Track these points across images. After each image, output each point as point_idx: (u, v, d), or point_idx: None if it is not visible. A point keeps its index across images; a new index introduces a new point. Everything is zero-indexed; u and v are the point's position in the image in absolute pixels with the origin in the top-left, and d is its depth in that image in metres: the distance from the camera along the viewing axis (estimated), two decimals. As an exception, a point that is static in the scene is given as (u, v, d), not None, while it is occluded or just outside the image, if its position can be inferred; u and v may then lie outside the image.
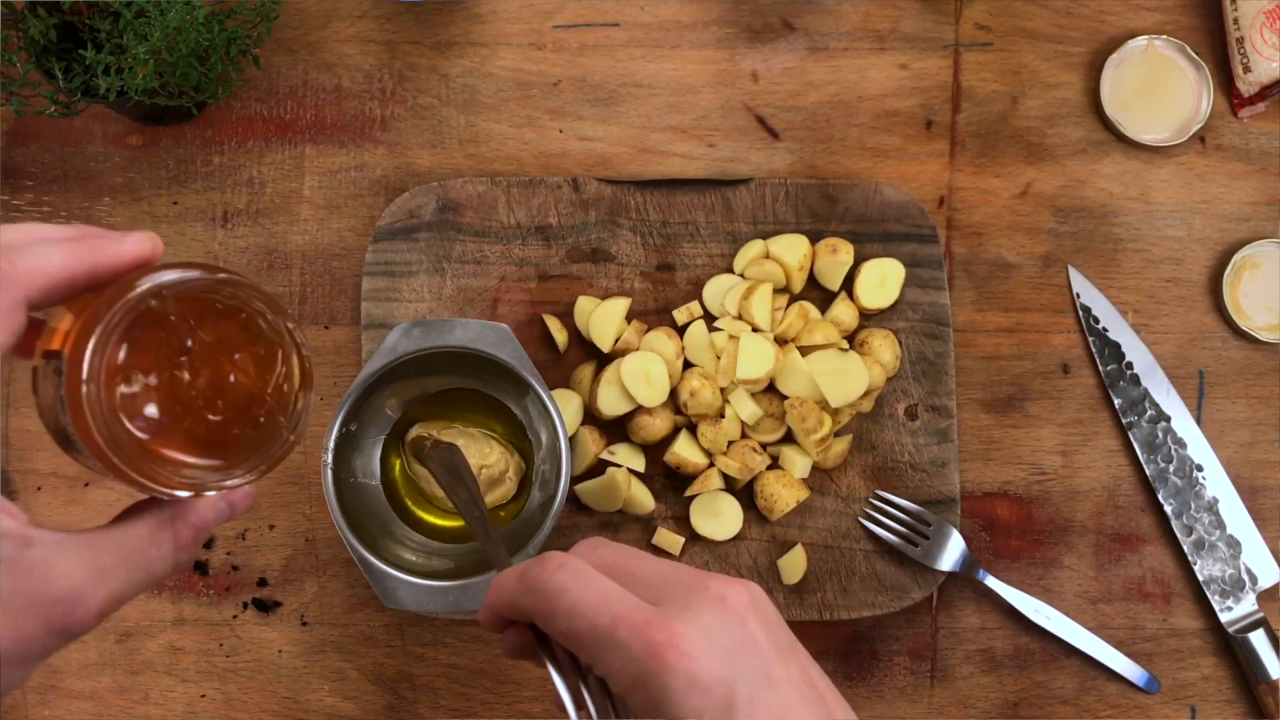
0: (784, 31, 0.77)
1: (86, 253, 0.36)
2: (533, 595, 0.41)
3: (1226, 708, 0.73)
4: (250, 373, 0.39)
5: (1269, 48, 0.73)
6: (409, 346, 0.65)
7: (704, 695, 0.37)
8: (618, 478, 0.69)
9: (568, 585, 0.41)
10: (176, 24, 0.64)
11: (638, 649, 0.38)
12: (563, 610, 0.40)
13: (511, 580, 0.42)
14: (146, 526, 0.38)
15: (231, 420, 0.39)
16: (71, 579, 0.35)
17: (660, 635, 0.38)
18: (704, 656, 0.38)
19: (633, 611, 0.39)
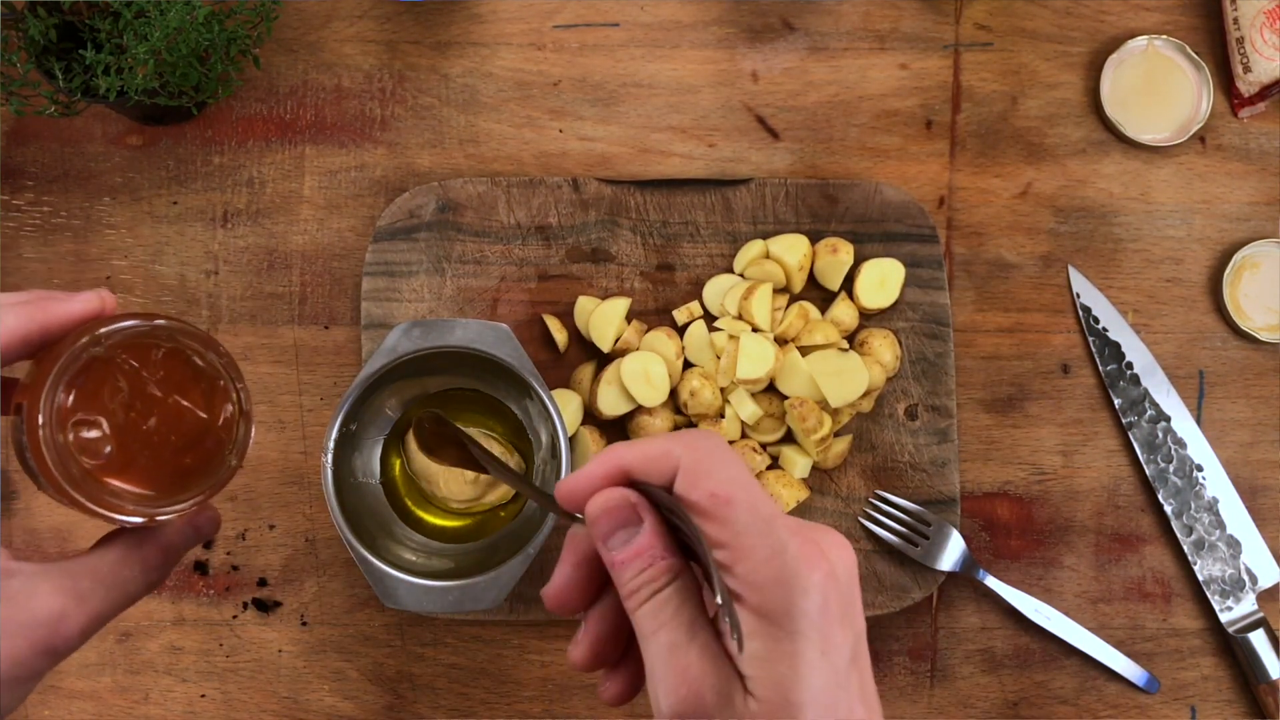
0: (784, 31, 0.77)
1: (37, 313, 0.40)
2: (699, 446, 0.38)
3: (1226, 708, 0.73)
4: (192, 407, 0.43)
5: (1269, 48, 0.73)
6: (409, 346, 0.65)
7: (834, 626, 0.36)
8: (618, 478, 0.69)
9: (733, 457, 0.38)
10: (176, 24, 0.64)
11: (794, 547, 0.36)
12: (726, 472, 0.37)
13: (664, 435, 0.39)
14: (117, 552, 0.42)
15: (178, 451, 0.43)
16: (53, 603, 0.39)
17: (816, 548, 0.36)
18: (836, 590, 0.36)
19: (786, 516, 0.38)
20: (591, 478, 0.39)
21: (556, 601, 0.40)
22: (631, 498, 0.38)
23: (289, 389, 0.74)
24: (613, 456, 0.39)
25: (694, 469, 0.37)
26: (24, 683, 0.39)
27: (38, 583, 0.39)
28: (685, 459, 0.37)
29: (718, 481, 0.37)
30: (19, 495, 0.73)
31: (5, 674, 0.38)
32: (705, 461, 0.37)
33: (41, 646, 0.39)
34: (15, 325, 0.40)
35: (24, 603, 0.38)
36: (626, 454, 0.39)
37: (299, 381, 0.74)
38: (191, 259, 0.75)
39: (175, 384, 0.43)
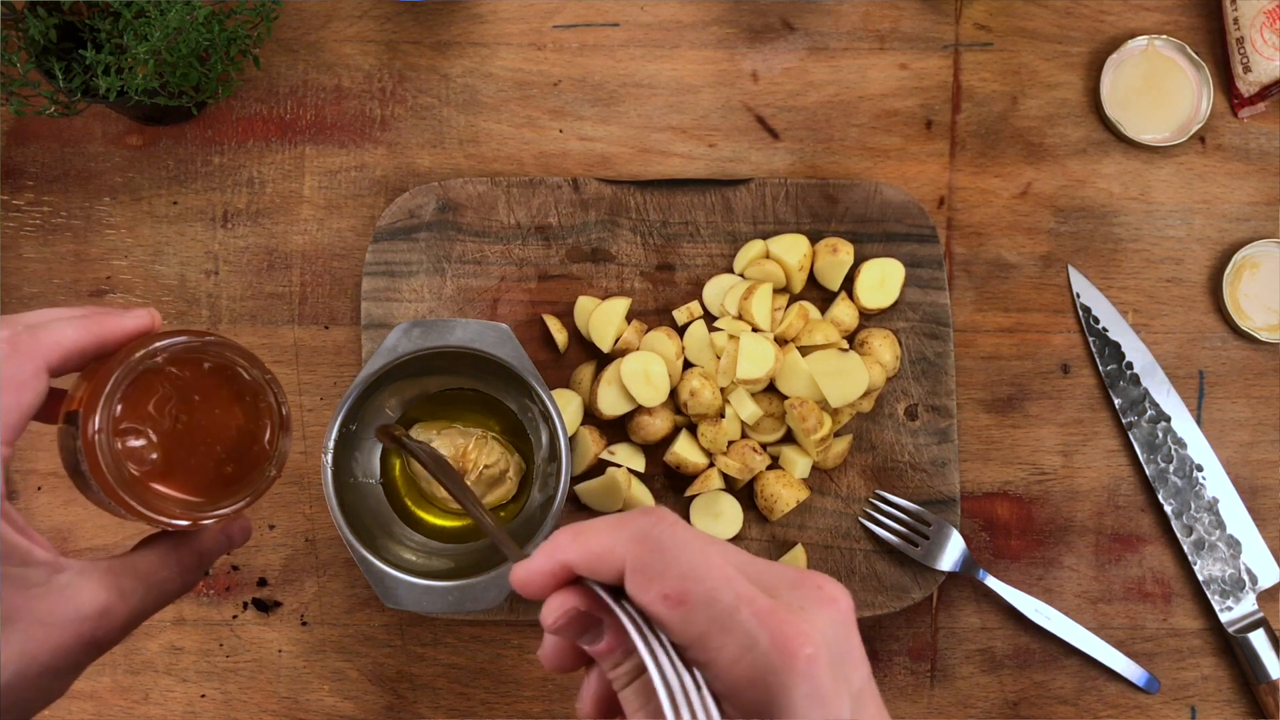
0: (784, 31, 0.77)
1: (95, 326, 0.43)
2: (642, 544, 0.35)
3: (1226, 708, 0.73)
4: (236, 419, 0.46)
5: (1269, 48, 0.73)
6: (409, 346, 0.65)
7: (820, 709, 0.34)
8: (618, 478, 0.69)
9: (687, 543, 0.35)
10: (176, 24, 0.64)
11: (765, 639, 0.33)
12: (678, 569, 0.34)
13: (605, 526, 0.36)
14: (157, 554, 0.45)
15: (221, 460, 0.45)
16: (98, 598, 0.41)
17: (789, 629, 0.34)
18: (824, 665, 0.34)
19: (755, 595, 0.34)
20: (539, 574, 0.37)
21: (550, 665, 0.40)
22: (579, 605, 0.37)
23: (289, 389, 0.74)
24: (556, 553, 0.37)
25: (640, 569, 0.35)
26: (68, 673, 0.41)
27: (84, 579, 0.41)
28: (629, 559, 0.35)
29: (667, 580, 0.35)
30: (19, 495, 0.73)
31: (52, 663, 0.40)
32: (651, 559, 0.35)
33: (86, 639, 0.41)
34: (76, 337, 0.42)
35: (71, 597, 0.41)
36: (569, 551, 0.37)
37: (299, 381, 0.74)
38: (191, 259, 0.75)
39: (221, 397, 0.45)
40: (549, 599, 0.38)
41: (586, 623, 0.37)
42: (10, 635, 0.39)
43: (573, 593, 0.37)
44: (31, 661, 0.40)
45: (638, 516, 0.37)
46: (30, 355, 0.41)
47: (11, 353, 0.40)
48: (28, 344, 0.41)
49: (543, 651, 0.40)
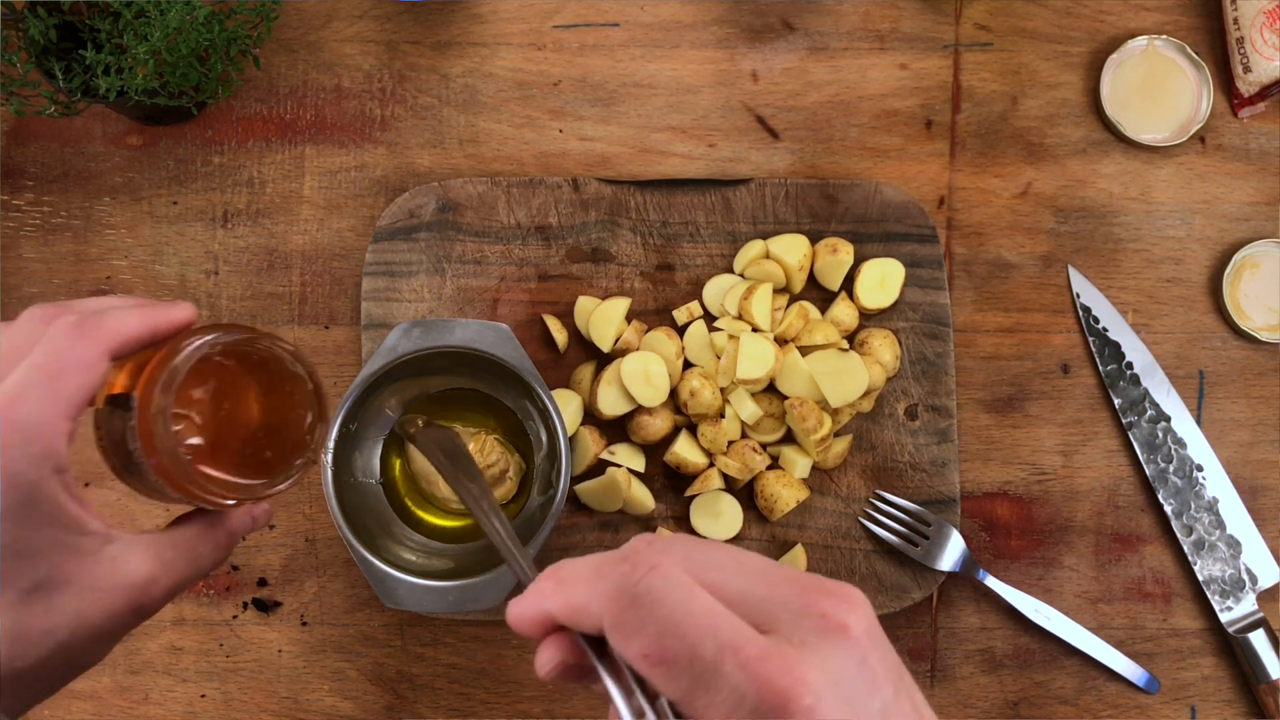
0: (784, 31, 0.77)
1: (151, 317, 0.45)
2: (616, 600, 0.33)
3: (1226, 708, 0.73)
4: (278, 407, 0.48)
5: (1269, 48, 0.73)
6: (409, 346, 0.65)
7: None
8: (618, 478, 0.69)
9: (666, 594, 0.33)
10: (176, 24, 0.64)
11: (753, 694, 0.31)
12: (654, 625, 0.33)
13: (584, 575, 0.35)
14: (195, 530, 0.48)
15: (263, 445, 0.48)
16: (145, 568, 0.44)
17: (782, 679, 0.31)
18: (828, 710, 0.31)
19: (744, 641, 0.32)
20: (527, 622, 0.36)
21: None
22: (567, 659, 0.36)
23: (289, 389, 0.74)
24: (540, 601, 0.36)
25: (617, 627, 0.33)
26: (113, 637, 0.44)
27: (133, 550, 0.44)
28: (606, 616, 0.34)
29: (645, 638, 0.33)
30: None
31: (102, 627, 0.43)
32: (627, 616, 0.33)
33: (134, 605, 0.44)
34: (136, 326, 0.45)
35: (121, 565, 0.44)
36: (551, 601, 0.36)
37: (299, 381, 0.74)
38: (191, 259, 0.75)
39: (265, 386, 0.48)
40: (540, 648, 0.37)
41: (580, 671, 0.36)
42: (67, 599, 0.42)
43: (562, 643, 0.36)
44: (85, 623, 0.43)
45: (616, 564, 0.34)
46: (96, 340, 0.43)
47: (80, 336, 0.43)
48: (94, 329, 0.43)
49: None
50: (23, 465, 0.40)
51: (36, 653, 0.42)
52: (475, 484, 0.58)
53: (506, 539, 0.50)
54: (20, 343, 0.43)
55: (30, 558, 0.41)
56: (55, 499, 0.41)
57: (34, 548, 0.41)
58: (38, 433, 0.41)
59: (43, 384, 0.41)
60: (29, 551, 0.41)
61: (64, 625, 0.42)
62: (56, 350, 0.42)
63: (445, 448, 0.62)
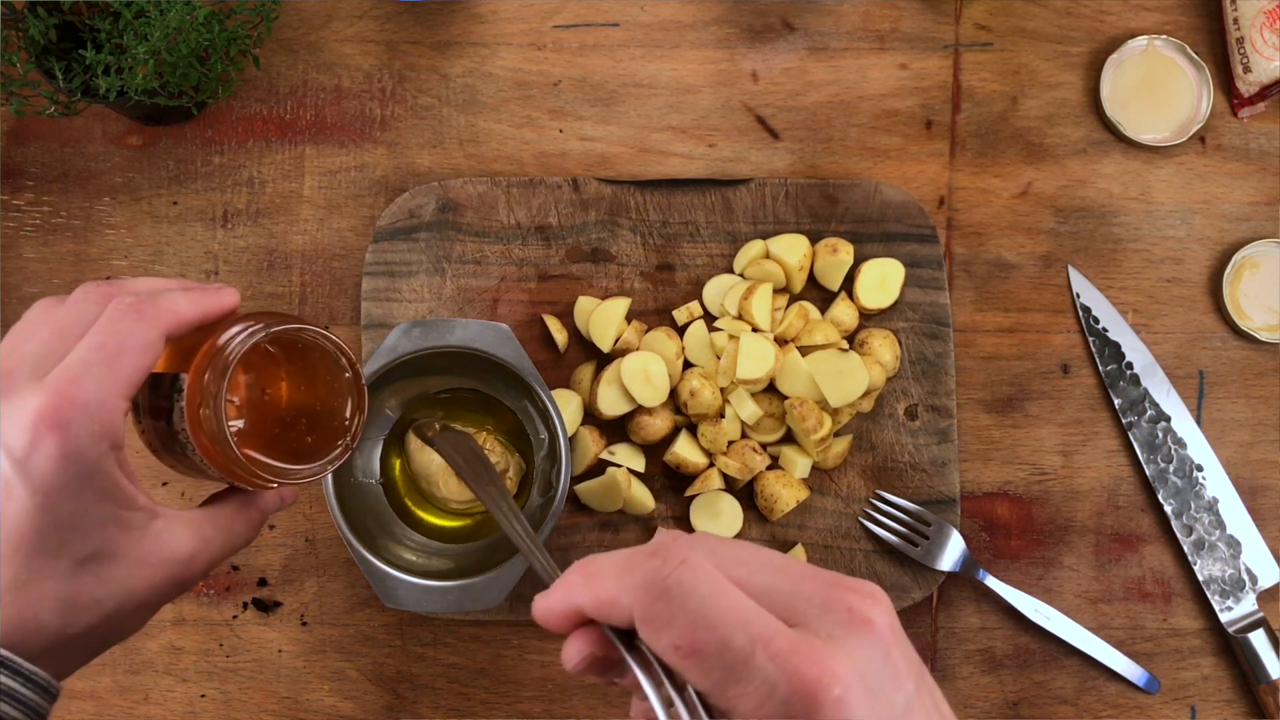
0: (784, 31, 0.77)
1: (203, 301, 0.47)
2: (648, 593, 0.34)
3: (1226, 708, 0.73)
4: (320, 394, 0.50)
5: (1269, 48, 0.73)
6: (409, 346, 0.65)
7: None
8: (618, 478, 0.69)
9: (696, 587, 0.33)
10: (176, 24, 0.64)
11: (784, 684, 0.32)
12: (686, 617, 0.33)
13: (613, 570, 0.35)
14: (231, 508, 0.50)
15: (304, 430, 0.49)
16: (188, 543, 0.46)
17: (812, 670, 0.32)
18: (856, 703, 0.32)
19: (774, 634, 0.33)
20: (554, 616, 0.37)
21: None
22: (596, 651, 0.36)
23: (289, 389, 0.74)
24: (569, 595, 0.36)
25: (648, 620, 0.34)
26: (153, 609, 0.46)
27: (176, 526, 0.46)
28: (636, 609, 0.34)
29: (677, 630, 0.33)
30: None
31: (147, 599, 0.45)
32: (658, 609, 0.33)
33: (175, 579, 0.46)
34: (190, 310, 0.46)
35: (167, 541, 0.45)
36: (580, 595, 0.36)
37: (299, 381, 0.74)
38: (191, 259, 0.75)
39: (309, 374, 0.50)
40: (567, 641, 0.37)
41: (607, 664, 0.37)
42: (116, 570, 0.44)
43: (589, 636, 0.37)
44: (131, 595, 0.44)
45: (646, 558, 0.35)
46: (154, 321, 0.45)
47: (138, 317, 0.44)
48: (151, 310, 0.45)
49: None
50: (85, 442, 0.42)
51: (86, 620, 0.43)
52: (494, 486, 0.59)
53: (528, 540, 0.52)
54: (78, 319, 0.44)
55: (85, 530, 0.43)
56: (111, 475, 0.43)
57: (89, 521, 0.43)
58: (98, 411, 0.42)
59: (103, 364, 0.43)
60: (84, 525, 0.43)
61: (112, 596, 0.44)
62: (116, 330, 0.44)
63: (463, 451, 0.62)
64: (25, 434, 0.41)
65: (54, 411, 0.41)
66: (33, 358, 0.43)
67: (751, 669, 0.32)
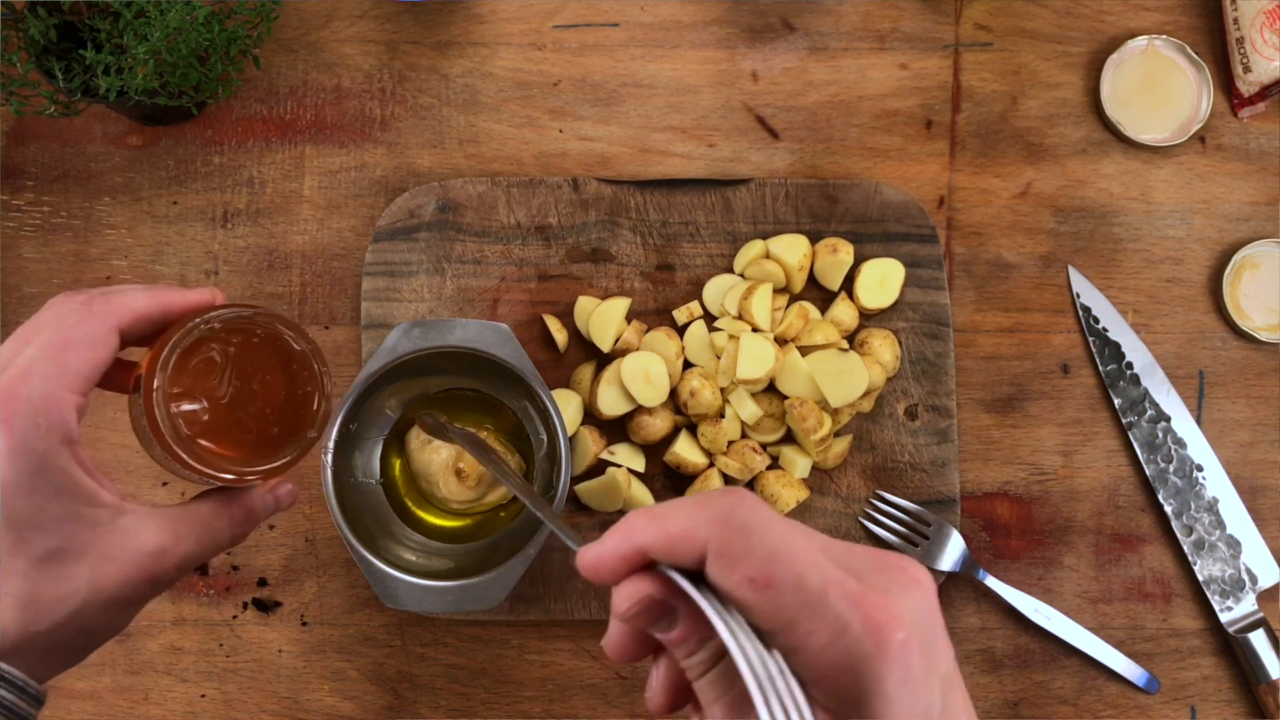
0: (784, 31, 0.77)
1: (162, 296, 0.47)
2: (725, 526, 0.34)
3: (1226, 708, 0.73)
4: (282, 385, 0.49)
5: (1269, 48, 0.73)
6: (409, 346, 0.65)
7: (913, 697, 0.33)
8: (618, 478, 0.69)
9: (772, 525, 0.34)
10: (176, 24, 0.64)
11: (856, 623, 0.32)
12: (764, 551, 0.33)
13: (685, 507, 0.35)
14: (209, 506, 0.49)
15: (268, 422, 0.49)
16: (158, 539, 0.46)
17: (881, 614, 0.33)
18: (916, 651, 0.33)
19: (844, 578, 0.33)
20: (611, 558, 0.36)
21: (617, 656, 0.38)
22: (655, 592, 0.35)
23: (289, 389, 0.74)
24: (631, 536, 0.35)
25: (724, 552, 0.34)
26: (132, 605, 0.46)
27: (145, 521, 0.46)
28: (713, 541, 0.34)
29: (754, 563, 0.33)
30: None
31: (117, 595, 0.45)
32: (736, 541, 0.34)
33: (147, 575, 0.45)
34: (145, 303, 0.46)
35: (135, 535, 0.45)
36: (645, 534, 0.35)
37: (299, 381, 0.74)
38: (191, 259, 0.75)
39: (270, 364, 0.49)
40: (621, 585, 0.36)
41: (660, 610, 0.36)
42: (79, 568, 0.44)
43: (646, 578, 0.36)
44: (98, 592, 0.44)
45: (719, 497, 0.35)
46: (103, 316, 0.45)
47: (87, 313, 0.45)
48: (100, 306, 0.45)
49: (608, 641, 0.38)
50: (30, 436, 0.42)
51: (51, 618, 0.43)
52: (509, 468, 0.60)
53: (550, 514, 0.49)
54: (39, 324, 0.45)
55: (41, 527, 0.43)
56: (65, 470, 0.43)
57: (45, 517, 0.43)
58: (43, 405, 0.42)
59: (49, 359, 0.43)
60: (40, 521, 0.43)
61: (77, 592, 0.44)
62: (62, 325, 0.44)
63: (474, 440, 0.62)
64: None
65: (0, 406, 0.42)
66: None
67: (826, 606, 0.33)
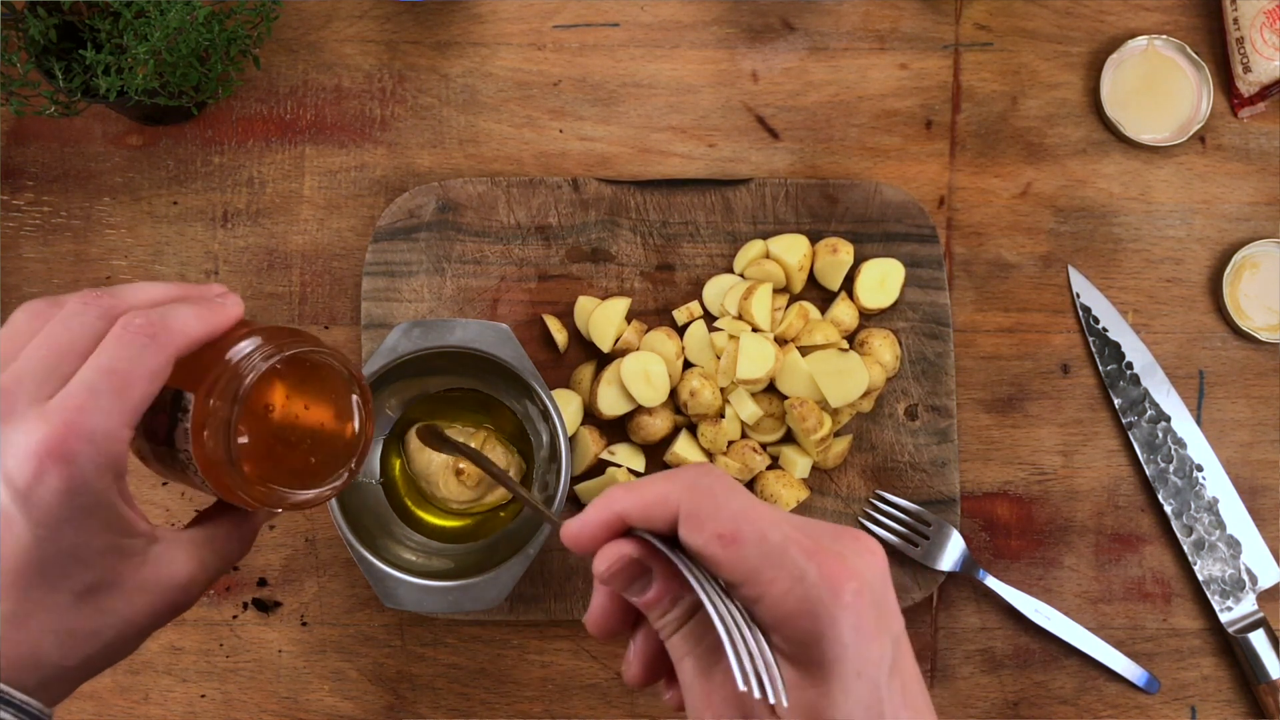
0: (784, 31, 0.77)
1: (209, 316, 0.45)
2: (695, 490, 0.38)
3: (1226, 708, 0.73)
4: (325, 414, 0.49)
5: (1269, 48, 0.73)
6: (409, 346, 0.65)
7: (865, 644, 0.36)
8: (618, 478, 0.69)
9: (736, 490, 0.38)
10: (176, 24, 0.64)
11: (813, 572, 0.36)
12: (730, 511, 0.37)
13: (658, 477, 0.39)
14: (227, 527, 0.48)
15: (309, 452, 0.48)
16: (186, 569, 0.45)
17: (838, 566, 0.36)
18: (867, 603, 0.36)
19: (801, 536, 0.37)
20: (592, 525, 0.40)
21: (598, 628, 0.42)
22: (633, 553, 0.39)
23: (289, 389, 0.74)
24: (610, 504, 0.40)
25: (694, 513, 0.38)
26: (150, 632, 0.45)
27: (176, 551, 0.45)
28: (684, 504, 0.38)
29: (720, 521, 0.37)
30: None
31: (146, 626, 0.44)
32: (705, 503, 0.38)
33: (173, 605, 0.45)
34: (199, 330, 0.44)
35: (165, 566, 0.44)
36: (623, 501, 0.39)
37: (299, 381, 0.74)
38: (191, 259, 0.75)
39: (317, 395, 0.48)
40: (602, 549, 0.40)
41: (636, 571, 0.40)
42: (116, 601, 0.43)
43: (623, 541, 0.40)
44: (130, 625, 0.44)
45: (688, 469, 0.39)
46: (164, 346, 0.43)
47: (149, 342, 0.42)
48: (163, 334, 0.43)
49: (590, 614, 0.42)
50: (90, 475, 0.40)
51: (84, 652, 0.43)
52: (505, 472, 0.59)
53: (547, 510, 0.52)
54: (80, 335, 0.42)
55: (84, 561, 0.42)
56: (114, 505, 0.42)
57: (89, 552, 0.42)
58: (104, 443, 0.40)
59: (112, 392, 0.41)
60: (84, 556, 0.42)
61: (111, 626, 0.43)
62: (126, 355, 0.42)
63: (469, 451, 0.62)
64: (28, 466, 0.39)
65: (60, 444, 0.39)
66: (33, 378, 0.41)
67: (786, 557, 0.36)
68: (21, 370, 0.41)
